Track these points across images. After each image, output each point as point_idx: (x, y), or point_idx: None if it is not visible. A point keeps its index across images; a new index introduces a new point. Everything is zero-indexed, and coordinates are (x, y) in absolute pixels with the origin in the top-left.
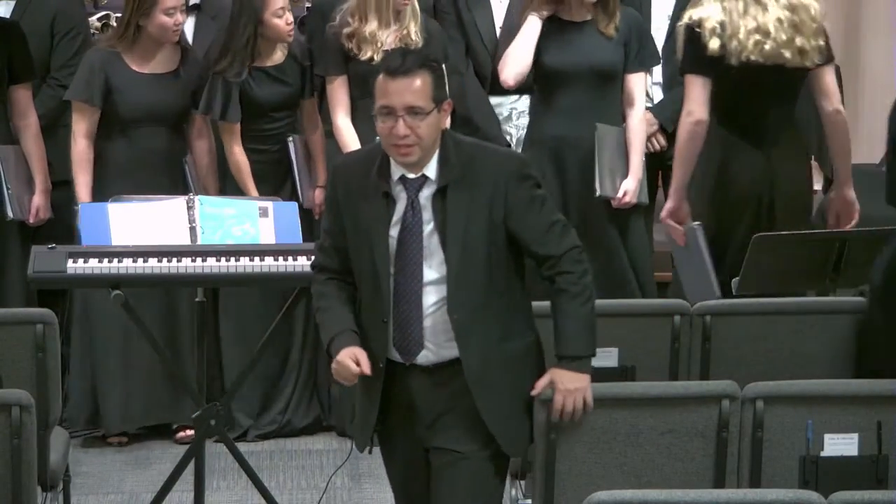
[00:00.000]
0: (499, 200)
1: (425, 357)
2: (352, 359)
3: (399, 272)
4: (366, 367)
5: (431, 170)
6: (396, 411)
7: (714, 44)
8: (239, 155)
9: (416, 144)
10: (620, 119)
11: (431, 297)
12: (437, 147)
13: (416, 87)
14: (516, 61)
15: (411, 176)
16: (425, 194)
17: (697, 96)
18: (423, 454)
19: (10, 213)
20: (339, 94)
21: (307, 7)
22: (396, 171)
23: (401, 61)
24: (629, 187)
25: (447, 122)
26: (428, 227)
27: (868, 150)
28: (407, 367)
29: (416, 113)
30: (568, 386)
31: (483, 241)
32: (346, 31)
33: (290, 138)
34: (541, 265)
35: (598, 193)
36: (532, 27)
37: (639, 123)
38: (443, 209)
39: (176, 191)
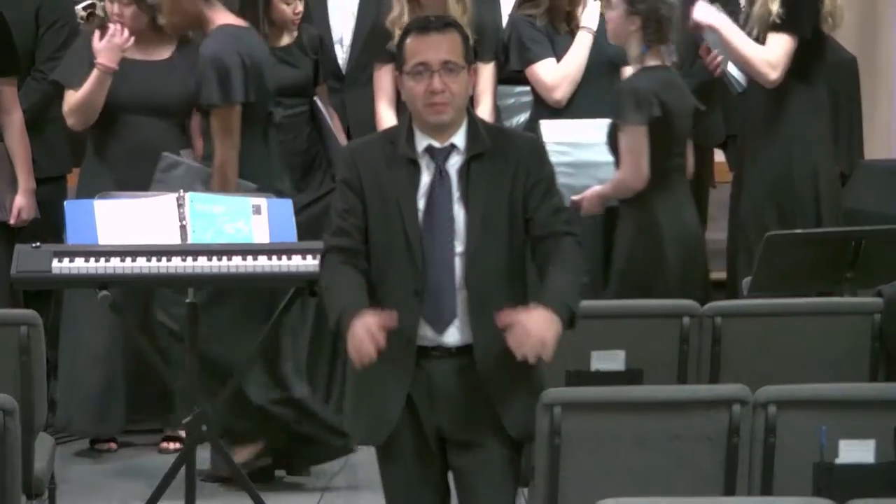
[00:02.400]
0: (521, 178)
1: (453, 335)
2: (366, 330)
3: (429, 241)
4: (381, 339)
5: (460, 139)
6: (410, 398)
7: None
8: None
9: (449, 103)
10: None
11: (460, 269)
12: (464, 115)
13: (450, 42)
14: (573, 83)
15: (438, 145)
16: (453, 164)
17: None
18: (436, 447)
19: None
20: (383, 82)
21: None
22: (422, 142)
23: (430, 20)
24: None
25: (472, 89)
26: (455, 196)
27: (885, 145)
28: (428, 350)
29: (451, 69)
30: (531, 328)
31: (504, 216)
32: (391, 16)
33: (316, 98)
34: (540, 245)
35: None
36: (584, 44)
37: None
38: (468, 179)
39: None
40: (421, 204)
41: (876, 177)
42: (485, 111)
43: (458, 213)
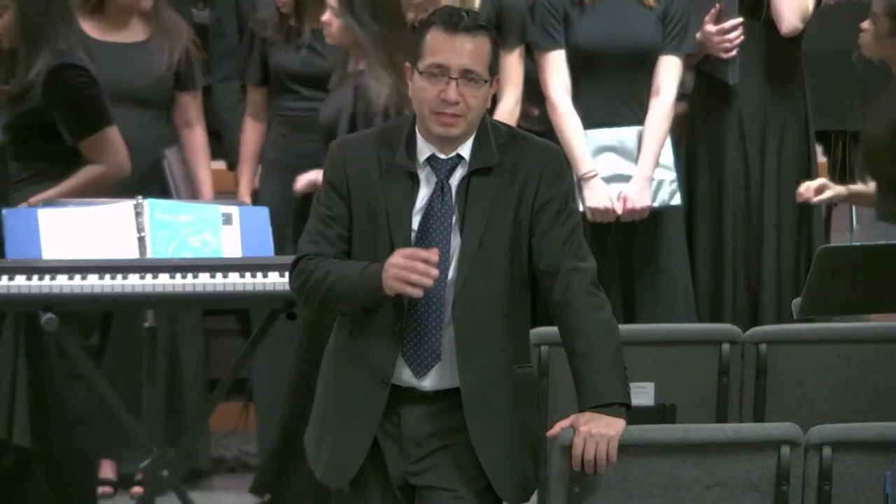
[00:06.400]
0: (528, 196)
1: (433, 378)
2: (406, 257)
3: None
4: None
5: (466, 150)
6: (376, 442)
7: None
8: (247, 126)
9: (462, 116)
10: None
11: (449, 300)
12: (477, 125)
13: (477, 48)
14: (567, 91)
15: (443, 156)
16: (458, 178)
17: None
18: (402, 496)
19: None
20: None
21: None
22: (424, 150)
23: (462, 16)
24: (628, 192)
25: (489, 100)
26: (454, 217)
27: None
28: (401, 391)
29: (472, 79)
30: (592, 429)
31: (505, 240)
32: None
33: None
34: (550, 287)
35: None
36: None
37: (661, 117)
38: (466, 197)
39: (150, 192)
40: (415, 223)
41: None
42: (507, 106)
43: (454, 236)
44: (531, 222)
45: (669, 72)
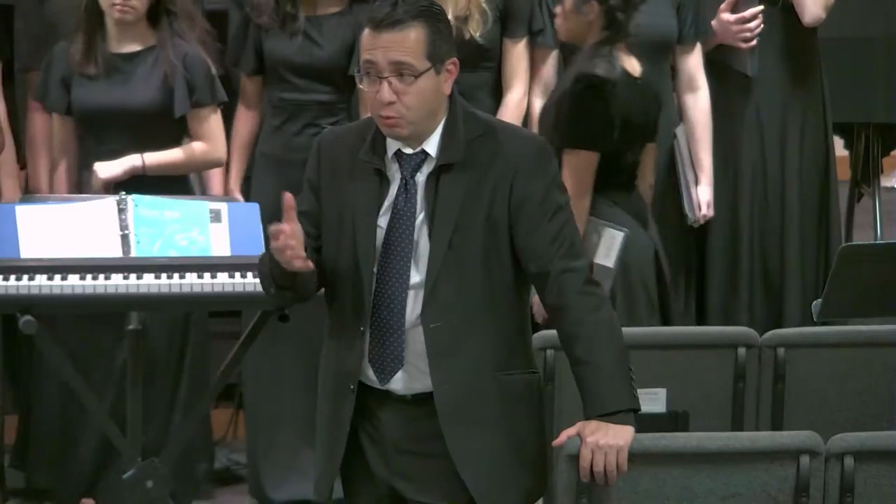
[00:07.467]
0: (503, 192)
1: (403, 382)
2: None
3: (383, 270)
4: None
5: (433, 145)
6: (362, 447)
7: None
8: (240, 115)
9: (402, 117)
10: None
11: (417, 305)
12: (441, 117)
13: (406, 41)
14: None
15: (408, 151)
16: (424, 174)
17: None
18: (391, 500)
19: None
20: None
21: None
22: (392, 145)
23: (389, 10)
24: (707, 197)
25: (449, 88)
26: (420, 217)
27: None
28: (380, 393)
29: (404, 74)
30: (599, 440)
31: (478, 239)
32: None
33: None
34: (542, 290)
35: (690, 220)
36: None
37: (705, 113)
38: (435, 195)
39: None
40: (383, 222)
41: None
42: (514, 98)
43: (420, 236)
44: (510, 220)
45: (698, 62)
